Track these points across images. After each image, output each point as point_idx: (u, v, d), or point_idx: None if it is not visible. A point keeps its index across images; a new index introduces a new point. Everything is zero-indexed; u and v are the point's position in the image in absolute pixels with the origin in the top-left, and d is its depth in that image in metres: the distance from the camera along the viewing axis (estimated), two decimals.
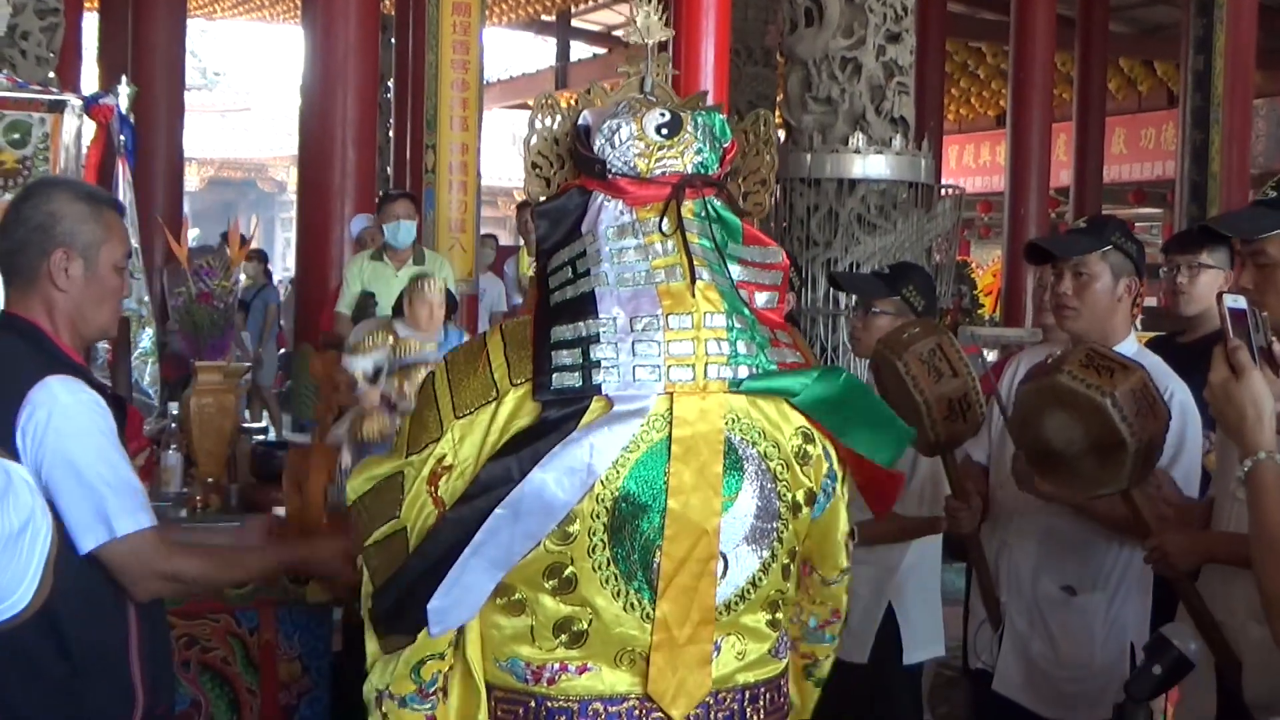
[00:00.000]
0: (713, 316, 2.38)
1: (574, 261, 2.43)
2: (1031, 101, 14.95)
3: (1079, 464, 3.43)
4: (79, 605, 2.88)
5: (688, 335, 2.37)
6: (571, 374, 2.35)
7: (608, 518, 2.39)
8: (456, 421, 2.40)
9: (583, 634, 2.44)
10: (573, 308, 2.39)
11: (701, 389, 2.37)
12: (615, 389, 2.34)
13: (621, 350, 2.35)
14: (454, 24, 9.18)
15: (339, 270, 8.81)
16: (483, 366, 2.43)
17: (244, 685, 4.61)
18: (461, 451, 2.40)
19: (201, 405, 5.23)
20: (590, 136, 2.50)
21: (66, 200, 3.01)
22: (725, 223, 2.49)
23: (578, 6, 25.14)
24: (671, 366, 2.36)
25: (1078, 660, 3.96)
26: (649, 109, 2.50)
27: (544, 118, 2.59)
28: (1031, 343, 6.65)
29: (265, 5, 23.73)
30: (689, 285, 2.38)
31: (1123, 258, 3.91)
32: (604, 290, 2.38)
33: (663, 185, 2.46)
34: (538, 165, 2.59)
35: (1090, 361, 3.37)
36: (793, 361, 2.47)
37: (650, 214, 2.45)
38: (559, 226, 2.49)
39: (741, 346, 2.39)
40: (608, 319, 2.36)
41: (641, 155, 2.46)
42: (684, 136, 2.48)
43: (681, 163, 2.47)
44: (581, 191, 2.50)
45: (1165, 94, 23.47)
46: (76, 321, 3.03)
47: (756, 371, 2.40)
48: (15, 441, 2.81)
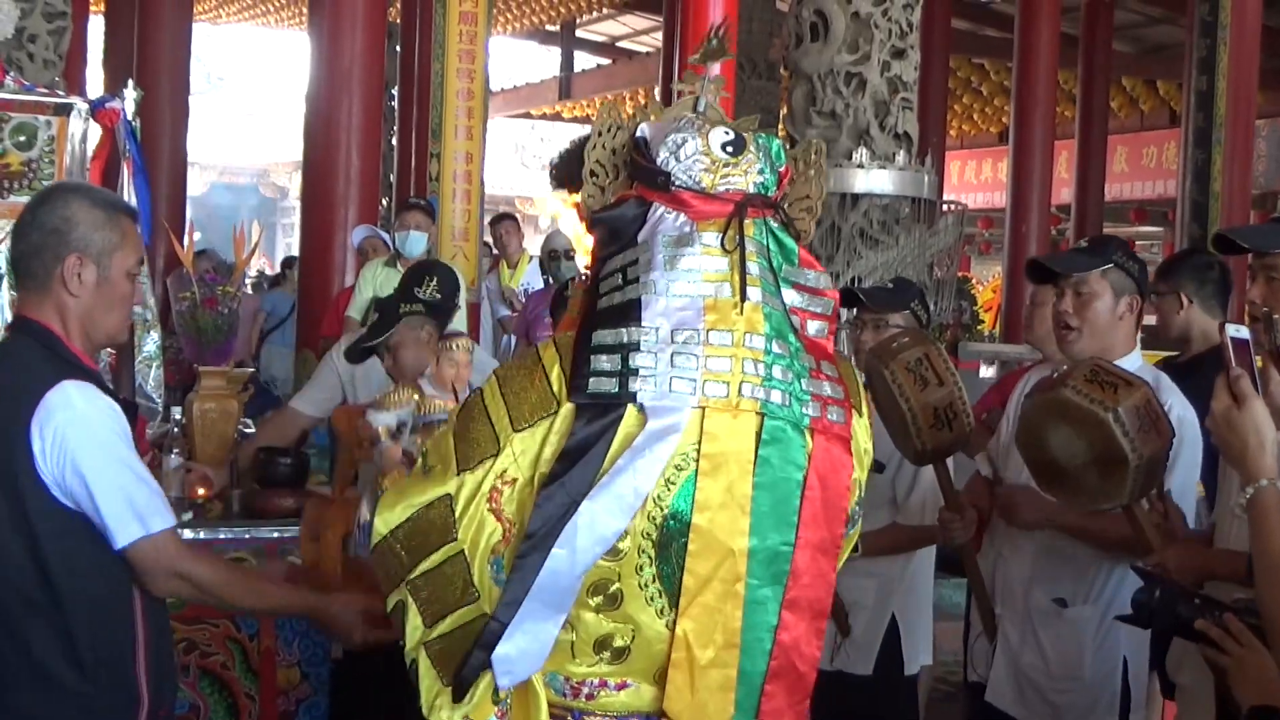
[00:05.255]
0: (753, 337, 2.39)
1: (625, 268, 2.44)
2: (1034, 119, 14.97)
3: (1082, 478, 3.45)
4: (88, 608, 2.91)
5: (726, 352, 2.37)
6: (609, 379, 2.36)
7: (657, 535, 2.39)
8: (516, 435, 2.40)
9: (624, 650, 2.45)
10: (617, 313, 2.40)
11: (734, 406, 2.37)
12: (650, 398, 2.34)
13: (660, 360, 2.36)
14: (460, 33, 9.19)
15: (342, 277, 8.82)
16: (539, 379, 2.42)
17: (243, 690, 4.64)
18: (523, 463, 2.39)
19: (204, 410, 5.24)
20: (650, 148, 2.51)
21: (82, 206, 3.04)
22: (783, 244, 2.51)
23: (582, 17, 25.15)
24: (707, 381, 2.36)
25: (1068, 672, 3.99)
26: (713, 126, 2.52)
27: (606, 127, 2.61)
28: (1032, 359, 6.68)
29: (271, 11, 23.74)
30: (737, 303, 2.39)
31: (1124, 276, 3.93)
32: (650, 298, 2.39)
33: (725, 202, 2.46)
34: (595, 174, 2.61)
35: (1094, 377, 3.39)
36: (829, 395, 2.46)
37: (710, 229, 2.45)
38: (617, 235, 2.51)
39: (777, 371, 2.39)
40: (650, 327, 2.37)
41: (707, 170, 2.47)
42: (748, 156, 2.50)
43: (745, 181, 2.49)
44: (640, 202, 2.51)
45: (1167, 113, 23.51)
46: (88, 326, 3.05)
47: (788, 398, 2.40)
48: (31, 444, 2.83)
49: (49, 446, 2.85)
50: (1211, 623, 2.74)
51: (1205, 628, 2.74)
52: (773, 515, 2.40)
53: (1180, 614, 2.87)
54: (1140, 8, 20.24)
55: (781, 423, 2.40)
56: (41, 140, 5.96)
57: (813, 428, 2.43)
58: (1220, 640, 2.70)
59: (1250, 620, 2.69)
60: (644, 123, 2.58)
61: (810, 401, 2.43)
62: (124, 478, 2.91)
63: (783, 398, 2.39)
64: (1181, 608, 2.87)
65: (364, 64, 8.88)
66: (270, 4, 23.15)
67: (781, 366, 2.40)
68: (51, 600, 2.89)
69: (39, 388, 2.88)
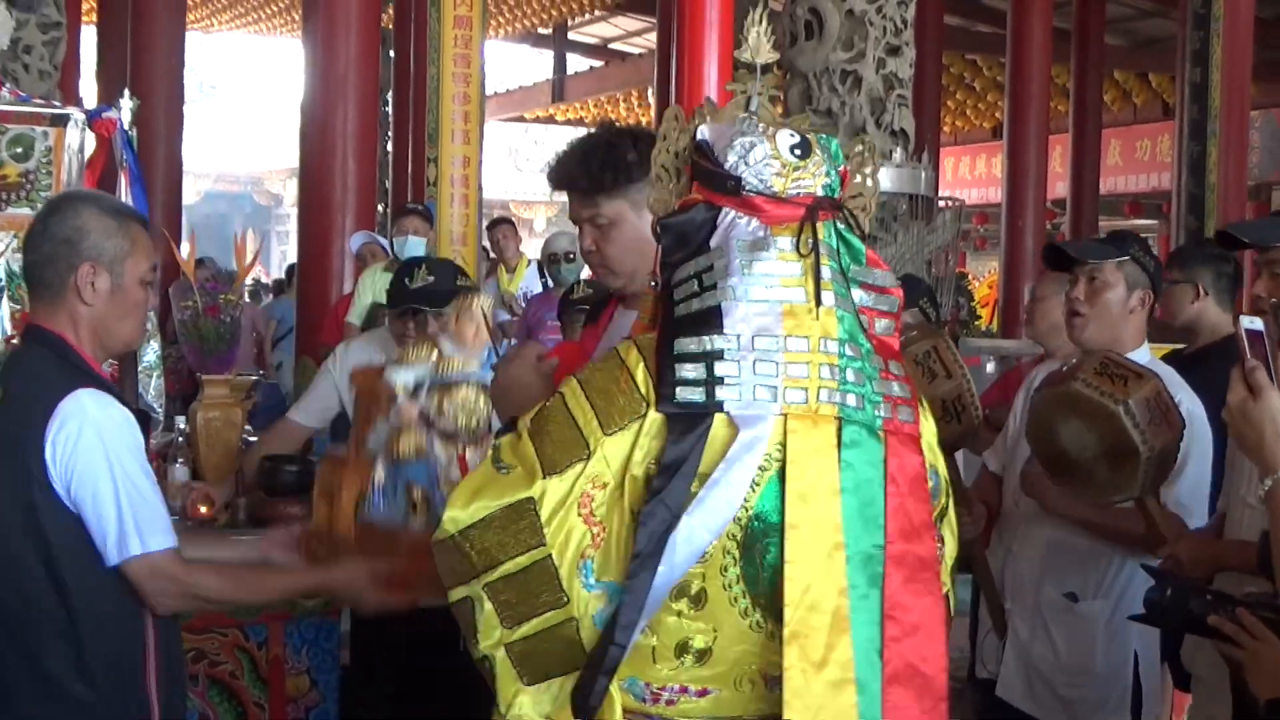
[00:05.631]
0: (828, 342, 2.40)
1: (700, 275, 2.44)
2: (1028, 114, 14.98)
3: (1093, 471, 3.46)
4: (99, 620, 2.90)
5: (804, 358, 2.38)
6: (695, 389, 2.36)
7: (741, 536, 2.39)
8: (607, 438, 2.40)
9: (705, 653, 2.44)
10: (698, 321, 2.40)
11: (813, 412, 2.38)
12: (736, 407, 2.35)
13: (743, 368, 2.36)
14: (455, 37, 9.15)
15: (340, 284, 8.81)
16: (624, 380, 2.43)
17: (251, 699, 4.62)
18: (614, 467, 2.40)
19: (208, 419, 5.23)
20: (715, 152, 2.50)
21: (93, 214, 3.03)
22: (850, 245, 2.51)
23: (574, 19, 25.15)
24: (788, 388, 2.37)
25: (1078, 667, 3.99)
26: (778, 128, 2.52)
27: (672, 130, 2.59)
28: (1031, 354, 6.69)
29: (263, 18, 23.72)
30: (812, 308, 2.41)
31: (1139, 270, 3.95)
32: (730, 305, 2.39)
33: (797, 206, 2.46)
34: (661, 178, 2.60)
35: (1105, 369, 3.40)
36: (898, 395, 2.47)
37: (784, 233, 2.45)
38: (686, 240, 2.49)
39: (850, 375, 2.40)
40: (732, 335, 2.37)
41: (778, 175, 2.46)
42: (814, 158, 2.50)
43: (814, 184, 2.48)
44: (709, 206, 2.50)
45: (1160, 106, 23.52)
46: (101, 335, 3.04)
47: (862, 401, 2.41)
48: (45, 453, 2.83)
49: (61, 455, 2.84)
50: (1224, 618, 2.74)
51: (1219, 623, 2.74)
52: (860, 518, 2.40)
53: (1193, 610, 2.87)
54: (1131, 1, 20.24)
55: (858, 426, 2.41)
56: (39, 151, 5.94)
57: (885, 429, 2.44)
58: (1234, 635, 2.70)
59: (1263, 613, 2.69)
60: (703, 124, 2.57)
61: (881, 403, 2.44)
62: (128, 492, 2.89)
63: (857, 401, 2.41)
64: (1194, 604, 2.87)
65: (359, 69, 8.88)
66: (263, 11, 23.13)
67: (855, 370, 2.42)
68: (63, 610, 2.88)
69: (53, 396, 2.88)
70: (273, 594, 3.31)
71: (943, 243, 9.25)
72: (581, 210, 3.11)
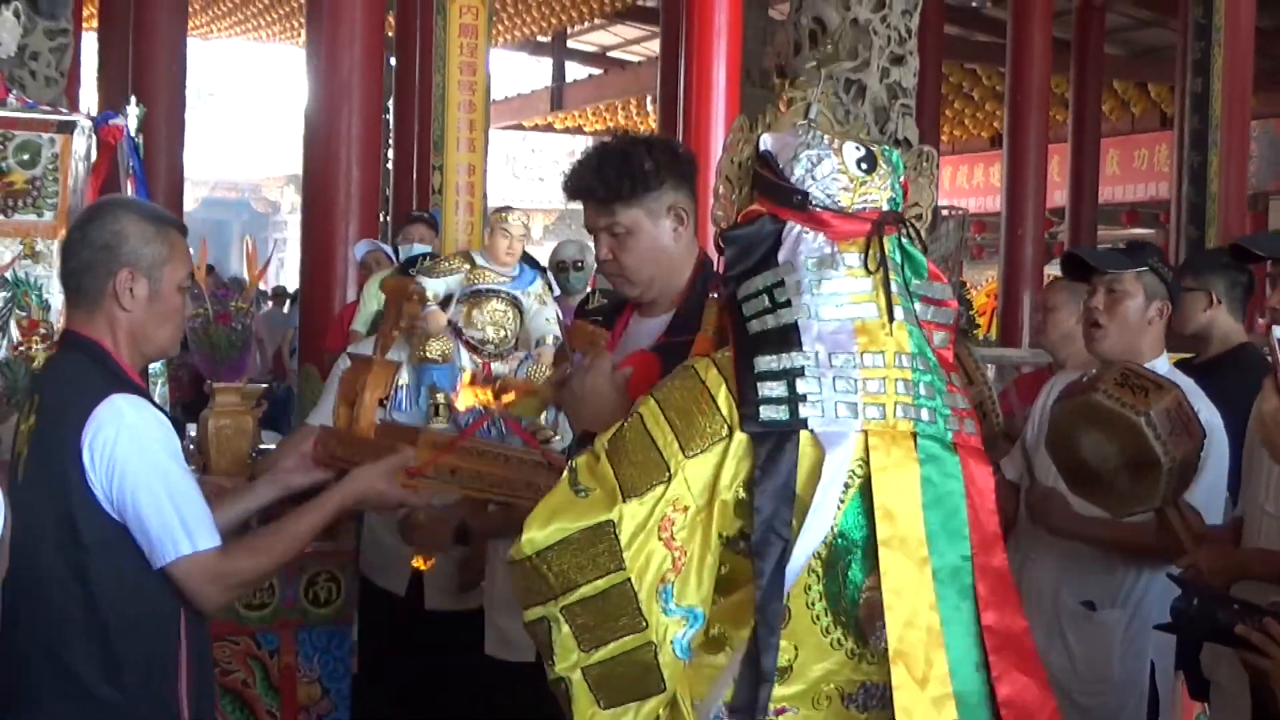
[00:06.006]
0: (902, 357, 2.42)
1: (771, 290, 2.43)
2: (1028, 123, 14.97)
3: (1114, 482, 3.45)
4: (131, 624, 2.90)
5: (879, 374, 2.40)
6: (778, 407, 2.37)
7: (825, 554, 2.40)
8: (688, 461, 2.39)
9: (785, 671, 2.42)
10: (776, 338, 2.40)
11: (892, 428, 2.39)
12: (820, 424, 2.36)
13: (824, 385, 2.37)
14: (461, 45, 9.17)
15: (344, 292, 8.79)
16: (705, 402, 2.42)
17: (264, 708, 4.62)
18: (695, 490, 2.39)
19: (219, 427, 5.21)
20: (780, 164, 2.50)
21: (132, 220, 3.04)
22: (913, 259, 2.52)
23: (573, 27, 25.15)
24: (866, 405, 2.39)
25: (1095, 675, 4.00)
26: (843, 141, 2.52)
27: (738, 141, 2.59)
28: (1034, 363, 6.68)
29: (263, 25, 23.71)
30: (885, 323, 2.42)
31: (1157, 281, 3.96)
32: (807, 322, 2.40)
33: (863, 221, 2.47)
34: (725, 189, 2.61)
35: (1125, 380, 3.39)
36: (962, 408, 2.50)
37: (851, 248, 2.46)
38: (750, 253, 2.48)
39: (923, 389, 2.43)
40: (810, 353, 2.38)
41: (845, 189, 2.47)
42: (880, 172, 2.50)
43: (880, 198, 2.49)
44: (774, 220, 2.50)
45: (1158, 116, 23.53)
46: (139, 341, 3.05)
47: (934, 415, 2.44)
48: (82, 457, 2.84)
49: (99, 459, 2.85)
50: (1252, 627, 2.73)
51: (1246, 632, 2.74)
52: (945, 532, 2.41)
53: (1220, 620, 2.87)
54: (1131, 10, 20.25)
55: (932, 440, 2.43)
56: (45, 158, 5.92)
57: (955, 442, 2.46)
58: (1262, 644, 2.70)
59: None
60: (766, 135, 2.56)
61: (951, 416, 2.47)
62: (172, 493, 2.89)
63: (930, 415, 2.43)
64: (1220, 614, 2.88)
65: (363, 76, 8.84)
66: (263, 18, 23.12)
67: (926, 384, 2.44)
68: (95, 618, 2.88)
69: (89, 401, 2.88)
70: (307, 538, 3.20)
71: (946, 251, 9.24)
72: (598, 219, 3.10)
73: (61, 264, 3.12)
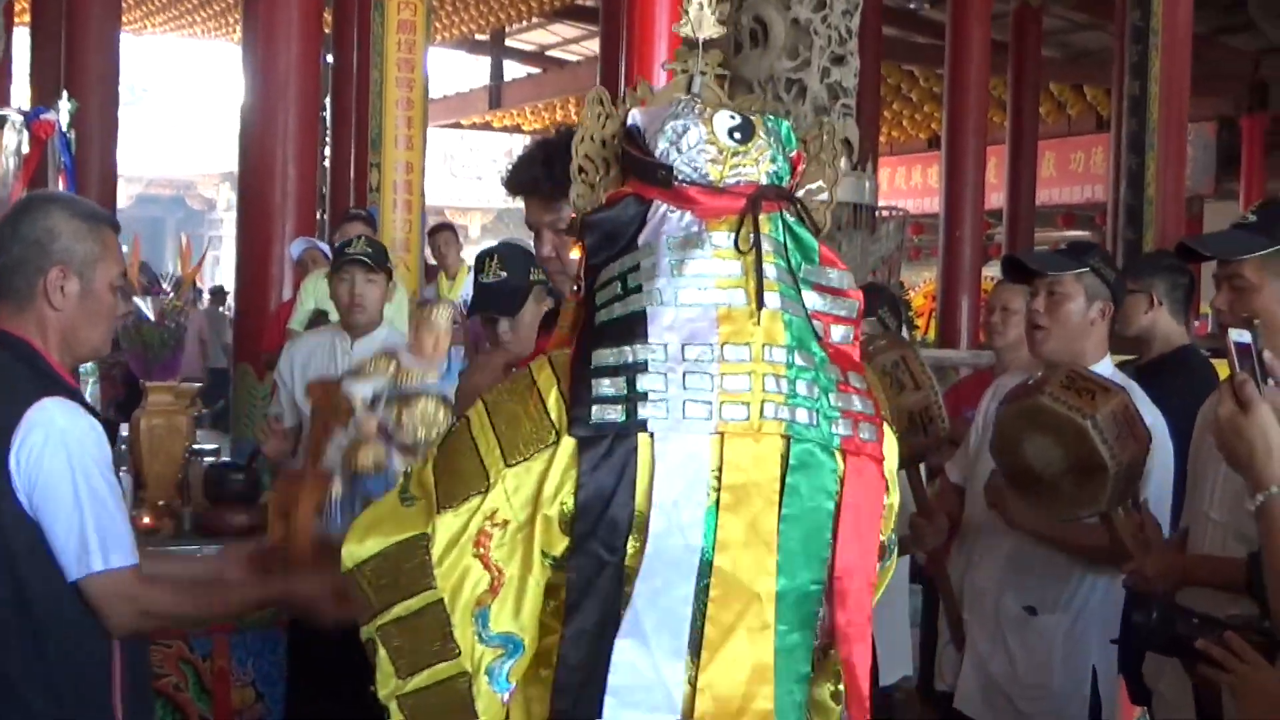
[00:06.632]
0: (773, 350, 2.11)
1: (625, 276, 2.14)
2: (966, 124, 15.04)
3: (1059, 486, 3.43)
4: (64, 634, 2.81)
5: (744, 369, 2.09)
6: (614, 406, 2.07)
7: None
8: (508, 470, 2.11)
9: None
10: (619, 329, 2.11)
11: (756, 430, 2.09)
12: (662, 426, 2.06)
13: (671, 381, 2.07)
14: (399, 42, 9.12)
15: (279, 290, 8.71)
16: (534, 404, 2.13)
17: (196, 712, 4.56)
18: (516, 503, 2.11)
19: (152, 426, 5.14)
20: (646, 138, 2.21)
21: (63, 216, 2.92)
22: (801, 241, 2.21)
23: (511, 25, 25.08)
24: (725, 403, 2.08)
25: (1036, 680, 3.98)
26: (715, 110, 2.22)
27: (595, 115, 2.30)
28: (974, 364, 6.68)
29: (198, 21, 23.52)
30: (753, 311, 2.11)
31: (1099, 282, 3.93)
32: (656, 309, 2.10)
33: (736, 196, 2.16)
34: (584, 170, 2.30)
35: (1071, 383, 3.37)
36: (859, 410, 2.19)
37: (721, 227, 2.15)
38: (613, 239, 2.19)
39: (801, 387, 2.12)
40: (658, 344, 2.08)
41: (713, 161, 2.17)
42: (758, 142, 2.19)
43: (757, 172, 2.19)
44: (639, 200, 2.20)
45: (1094, 118, 23.75)
46: (70, 341, 2.94)
47: (815, 417, 2.13)
48: (9, 462, 2.73)
49: (24, 464, 2.74)
50: (1212, 641, 2.70)
51: (1207, 646, 2.69)
52: (803, 552, 2.14)
53: (1179, 633, 2.84)
54: (1068, 13, 20.41)
55: (810, 445, 2.13)
56: None
57: (844, 448, 2.16)
58: (1223, 659, 2.66)
59: (1252, 637, 2.66)
60: (635, 108, 2.28)
61: (840, 419, 2.16)
62: (92, 506, 2.78)
63: (809, 416, 2.12)
64: (1180, 627, 2.84)
65: (299, 73, 8.79)
66: (198, 14, 22.93)
67: (806, 381, 2.13)
68: (28, 622, 2.78)
69: (19, 404, 2.77)
70: (230, 608, 3.19)
71: (886, 252, 9.25)
72: (542, 215, 3.00)
73: None
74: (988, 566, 4.06)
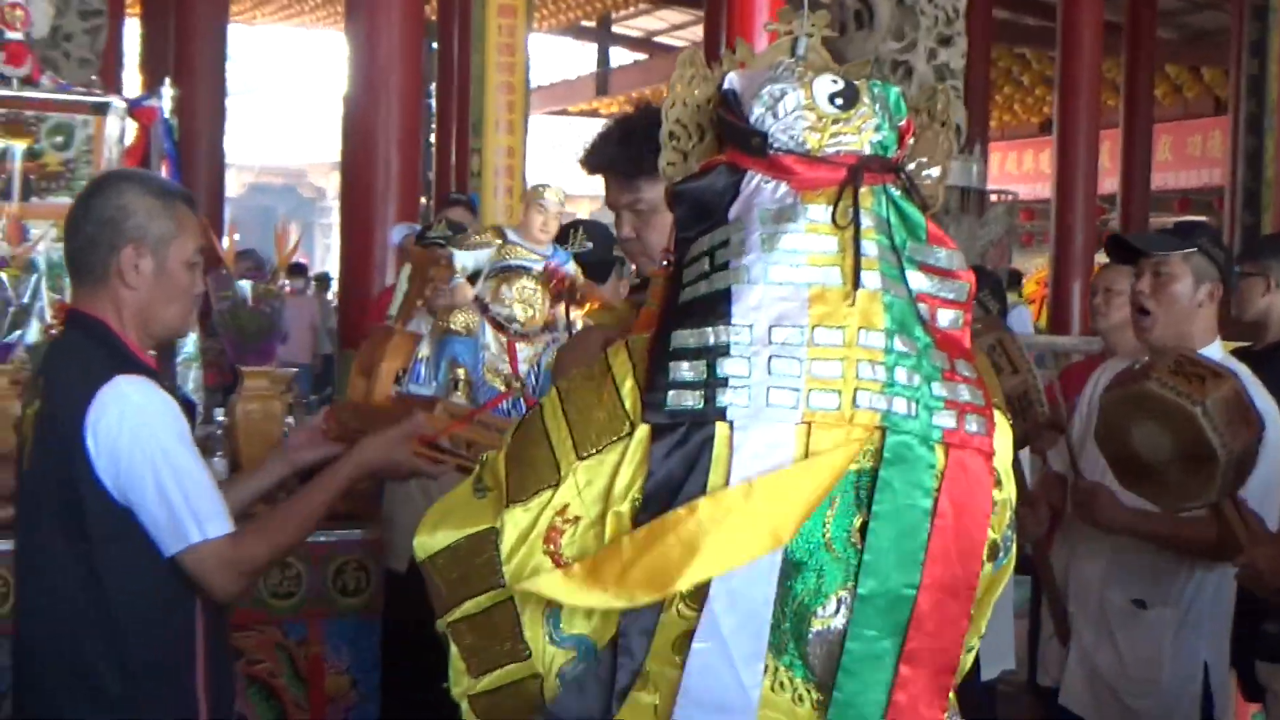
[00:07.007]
0: (869, 334, 1.95)
1: (714, 251, 2.00)
2: (1078, 108, 14.81)
3: (1167, 475, 3.30)
4: (142, 618, 2.78)
5: (836, 354, 1.94)
6: (691, 392, 1.93)
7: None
8: (580, 463, 1.99)
9: None
10: (702, 309, 1.97)
11: (847, 420, 1.94)
12: (743, 415, 1.92)
13: (755, 366, 1.92)
14: (499, 26, 9.10)
15: (383, 276, 8.72)
16: (607, 393, 2.01)
17: (291, 699, 4.52)
18: (588, 498, 1.99)
19: (248, 411, 5.12)
20: (742, 103, 2.05)
21: (137, 194, 2.88)
22: (906, 217, 2.05)
23: (618, 12, 25.07)
24: (813, 390, 1.93)
25: (1145, 675, 3.85)
26: (817, 74, 2.06)
27: (688, 79, 2.17)
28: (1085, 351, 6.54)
29: (306, 10, 23.76)
30: (849, 292, 1.96)
31: (1207, 262, 3.79)
32: (742, 287, 1.95)
33: (836, 166, 2.01)
34: (675, 136, 2.18)
35: (1180, 368, 3.24)
36: (966, 401, 2.02)
37: (819, 200, 2.00)
38: (704, 211, 2.05)
39: (901, 374, 1.96)
40: (742, 325, 1.94)
41: (812, 129, 2.01)
42: (861, 109, 2.03)
43: (859, 140, 2.02)
44: (732, 169, 2.06)
45: (1212, 101, 23.33)
46: (146, 320, 2.90)
47: (914, 407, 1.97)
48: (85, 440, 2.70)
49: (103, 444, 2.70)
50: None
51: None
52: (894, 552, 1.98)
53: None
54: None
55: (907, 437, 1.97)
56: (79, 140, 5.87)
57: (946, 442, 1.99)
58: None
59: None
60: (733, 71, 2.12)
61: (943, 410, 1.99)
62: (179, 479, 2.74)
63: (908, 406, 1.96)
64: None
65: (402, 61, 8.79)
66: (306, 4, 23.15)
67: (906, 368, 1.97)
68: (106, 611, 2.76)
69: (93, 384, 2.73)
70: (321, 512, 3.03)
71: (994, 237, 9.10)
72: (621, 195, 2.90)
73: (65, 240, 2.95)
74: (1093, 558, 3.94)
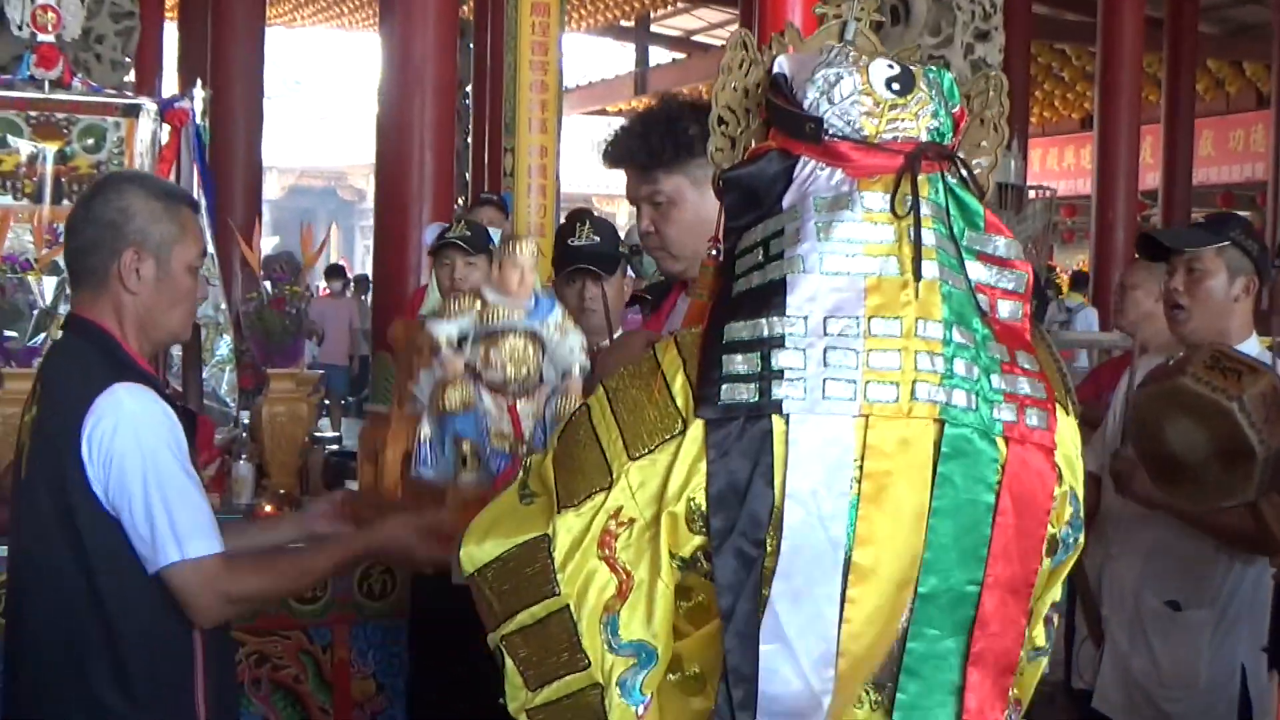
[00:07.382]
0: (928, 324, 1.90)
1: (768, 241, 1.95)
2: (1119, 103, 14.74)
3: (1203, 473, 3.24)
4: (141, 632, 2.72)
5: (894, 345, 1.89)
6: (745, 385, 1.89)
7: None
8: (632, 463, 1.94)
9: None
10: (756, 299, 1.92)
11: (905, 413, 1.89)
12: (799, 407, 1.87)
13: (810, 358, 1.87)
14: (533, 25, 9.06)
15: (417, 276, 8.70)
16: (658, 390, 1.97)
17: (316, 704, 4.49)
18: (641, 499, 1.94)
19: (274, 414, 5.09)
20: (794, 88, 2.00)
21: (139, 196, 2.81)
22: (965, 206, 1.99)
23: (656, 11, 25.06)
24: (870, 383, 1.88)
25: (1181, 679, 3.79)
26: (872, 58, 2.01)
27: (738, 62, 2.11)
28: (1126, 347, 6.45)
29: (344, 13, 23.85)
30: (908, 282, 1.90)
31: (1241, 255, 3.72)
32: (797, 277, 1.90)
33: (893, 153, 1.95)
34: (724, 121, 2.12)
35: (1216, 363, 3.18)
36: (1026, 394, 1.97)
37: (875, 187, 1.94)
38: (755, 199, 2.00)
39: (960, 366, 1.90)
40: (797, 317, 1.88)
41: (868, 114, 1.95)
42: (918, 95, 1.97)
43: (916, 127, 1.96)
44: (784, 155, 2.00)
45: (1254, 95, 23.15)
46: (147, 325, 2.84)
47: (974, 400, 1.91)
48: (80, 449, 2.65)
49: (96, 453, 2.65)
50: None
51: None
52: (956, 548, 1.93)
53: None
54: None
55: (967, 430, 1.91)
56: (110, 142, 5.87)
57: (1006, 435, 1.94)
58: None
59: None
60: (782, 55, 2.06)
61: (1003, 403, 1.94)
62: (163, 492, 2.68)
63: (967, 399, 1.91)
64: None
65: (436, 61, 8.79)
66: (344, 5, 23.23)
67: (965, 360, 1.91)
68: (102, 621, 2.70)
69: (90, 391, 2.68)
70: (321, 574, 3.05)
71: (1033, 233, 9.04)
72: (639, 188, 2.88)
73: (65, 242, 2.90)
74: (1127, 559, 3.88)
